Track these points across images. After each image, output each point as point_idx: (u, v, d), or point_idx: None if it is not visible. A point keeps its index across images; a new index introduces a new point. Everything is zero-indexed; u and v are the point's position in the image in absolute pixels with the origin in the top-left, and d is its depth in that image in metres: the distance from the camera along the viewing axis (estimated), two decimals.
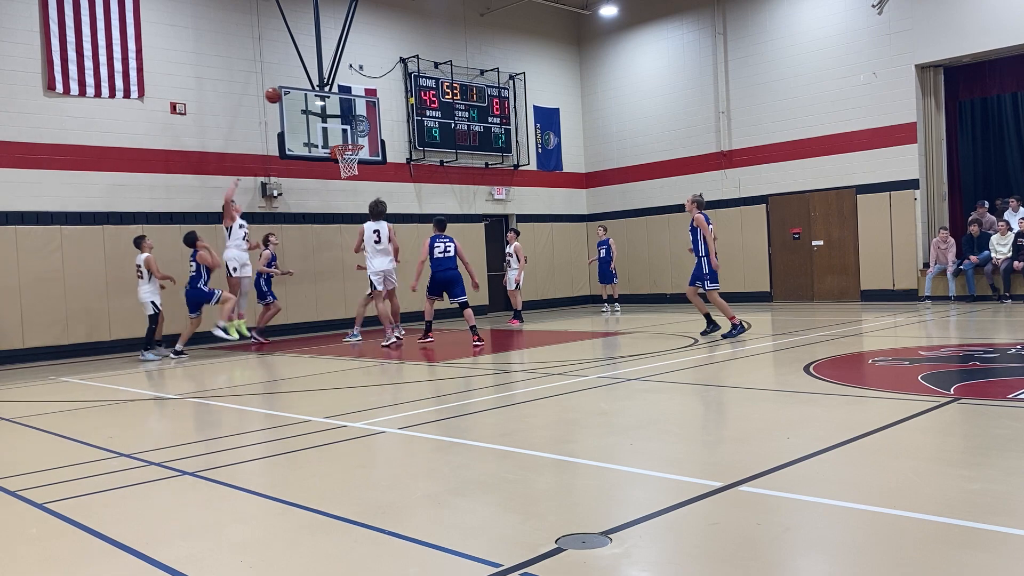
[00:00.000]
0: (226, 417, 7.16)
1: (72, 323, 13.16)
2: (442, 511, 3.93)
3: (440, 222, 12.18)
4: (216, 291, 12.36)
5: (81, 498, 4.48)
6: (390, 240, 12.03)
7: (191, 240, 12.43)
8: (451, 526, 3.71)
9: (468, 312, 11.76)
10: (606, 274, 16.89)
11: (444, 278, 11.70)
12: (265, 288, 13.62)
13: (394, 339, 12.03)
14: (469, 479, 4.49)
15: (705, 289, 10.91)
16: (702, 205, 11.17)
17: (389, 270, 12.07)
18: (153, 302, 12.28)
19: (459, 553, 3.32)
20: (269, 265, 13.52)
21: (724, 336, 10.75)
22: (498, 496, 4.13)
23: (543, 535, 3.45)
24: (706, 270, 10.87)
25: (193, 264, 12.34)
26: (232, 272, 13.06)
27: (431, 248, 11.74)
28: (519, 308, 15.70)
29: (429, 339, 11.87)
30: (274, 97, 13.33)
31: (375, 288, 12.01)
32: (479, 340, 11.40)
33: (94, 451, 5.70)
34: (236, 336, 12.55)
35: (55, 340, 13.00)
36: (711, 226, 10.99)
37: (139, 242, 12.41)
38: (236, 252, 13.16)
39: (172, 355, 12.14)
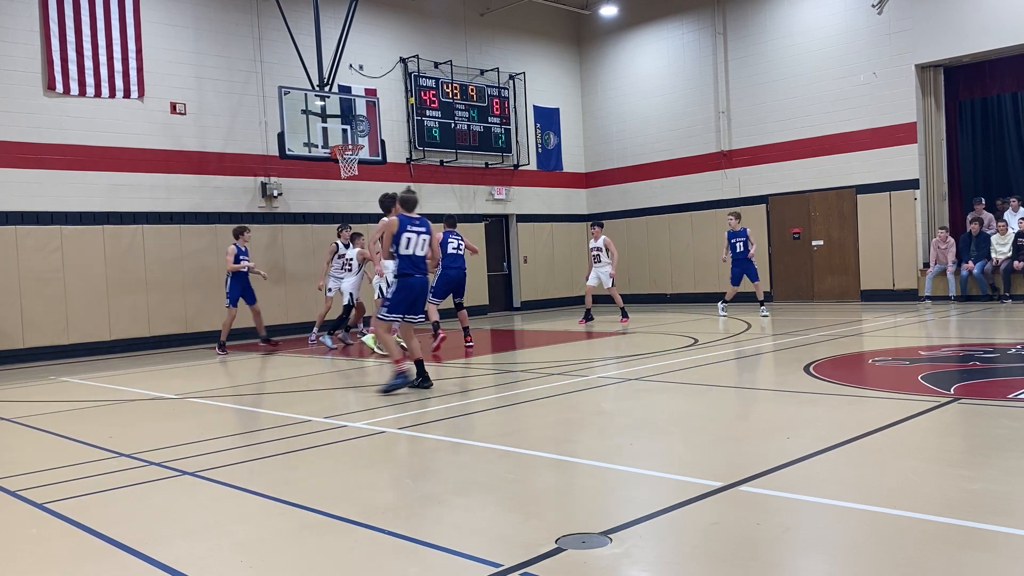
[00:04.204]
0: (226, 417, 7.16)
1: (72, 323, 13.16)
2: (442, 511, 3.93)
3: (451, 218, 11.63)
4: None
5: (81, 498, 4.48)
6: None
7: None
8: (451, 526, 3.71)
9: (463, 313, 11.54)
10: (749, 271, 14.24)
11: (458, 277, 11.02)
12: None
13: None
14: (469, 479, 4.49)
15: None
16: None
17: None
18: (352, 293, 12.65)
19: (459, 553, 3.32)
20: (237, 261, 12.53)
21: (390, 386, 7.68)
22: (498, 496, 4.13)
23: (543, 535, 3.45)
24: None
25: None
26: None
27: (444, 245, 10.81)
28: (622, 304, 14.09)
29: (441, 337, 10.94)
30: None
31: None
32: (471, 341, 11.33)
33: (94, 451, 5.70)
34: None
35: (55, 340, 13.00)
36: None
37: (355, 238, 12.99)
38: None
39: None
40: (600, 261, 14.13)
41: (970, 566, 2.97)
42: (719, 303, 15.01)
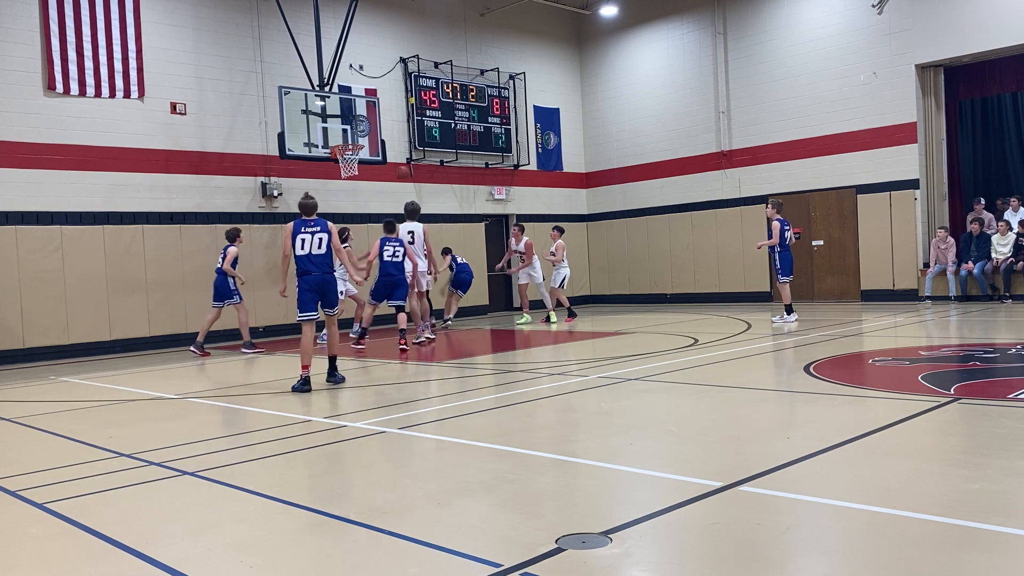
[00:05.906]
0: (226, 417, 7.16)
1: (72, 323, 13.16)
2: (442, 511, 3.93)
3: (389, 223, 11.85)
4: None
5: (81, 498, 4.48)
6: (424, 241, 12.47)
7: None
8: (451, 526, 3.71)
9: (402, 316, 11.41)
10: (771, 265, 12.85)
11: (392, 282, 11.41)
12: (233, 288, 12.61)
13: (424, 338, 12.19)
14: (469, 479, 4.49)
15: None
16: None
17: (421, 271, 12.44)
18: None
19: (459, 553, 3.32)
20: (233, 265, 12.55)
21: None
22: (498, 496, 4.13)
23: (543, 535, 3.45)
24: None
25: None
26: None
27: (381, 251, 11.40)
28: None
29: (362, 345, 11.78)
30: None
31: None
32: (406, 346, 11.00)
33: (94, 451, 5.70)
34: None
35: (55, 340, 12.99)
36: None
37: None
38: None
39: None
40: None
41: (970, 566, 2.97)
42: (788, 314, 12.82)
